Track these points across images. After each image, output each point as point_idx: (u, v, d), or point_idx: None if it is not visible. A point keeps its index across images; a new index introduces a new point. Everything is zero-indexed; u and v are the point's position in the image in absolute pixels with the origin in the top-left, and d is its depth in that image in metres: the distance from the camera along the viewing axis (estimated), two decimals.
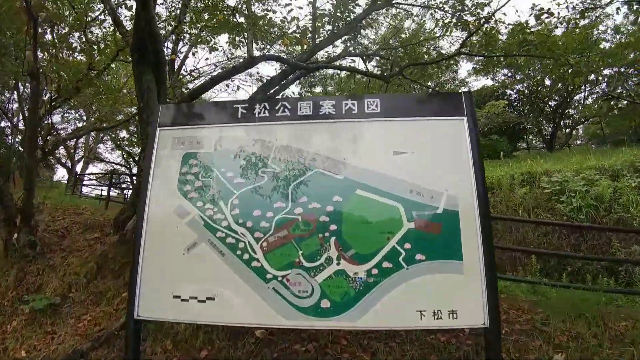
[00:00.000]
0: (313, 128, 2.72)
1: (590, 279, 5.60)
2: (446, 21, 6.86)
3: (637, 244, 6.33)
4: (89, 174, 18.61)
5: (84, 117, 16.19)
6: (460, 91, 3.10)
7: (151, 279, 2.54)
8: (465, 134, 2.59)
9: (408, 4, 7.45)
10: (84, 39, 7.18)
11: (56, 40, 6.84)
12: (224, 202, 2.61)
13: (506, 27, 6.16)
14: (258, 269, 2.47)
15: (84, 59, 7.10)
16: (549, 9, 5.72)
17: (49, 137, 8.22)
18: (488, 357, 2.34)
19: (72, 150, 19.31)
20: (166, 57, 6.03)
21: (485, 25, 6.07)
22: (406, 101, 2.85)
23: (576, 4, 5.91)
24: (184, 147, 2.79)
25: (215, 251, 2.53)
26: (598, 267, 6.29)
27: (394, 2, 7.26)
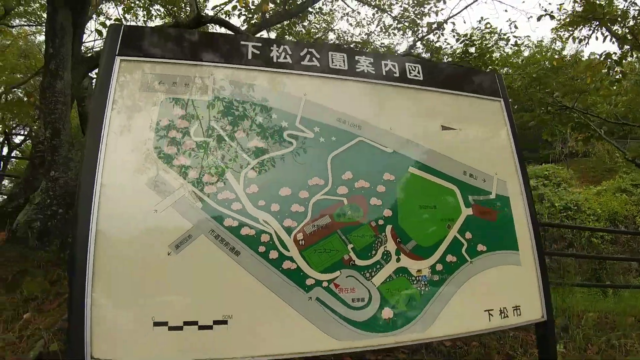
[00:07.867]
0: (350, 87, 2.10)
1: None
2: (398, 26, 7.09)
3: None
4: None
5: None
6: (492, 71, 2.97)
7: (113, 297, 1.47)
8: (504, 117, 2.42)
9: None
10: None
11: None
12: (233, 175, 1.75)
13: (455, 37, 6.73)
14: (293, 273, 1.70)
15: None
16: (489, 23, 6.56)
17: None
18: (542, 354, 2.14)
19: None
20: None
21: (436, 31, 6.53)
22: (448, 72, 2.51)
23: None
24: (163, 89, 1.79)
25: (225, 248, 1.64)
26: None
27: None
